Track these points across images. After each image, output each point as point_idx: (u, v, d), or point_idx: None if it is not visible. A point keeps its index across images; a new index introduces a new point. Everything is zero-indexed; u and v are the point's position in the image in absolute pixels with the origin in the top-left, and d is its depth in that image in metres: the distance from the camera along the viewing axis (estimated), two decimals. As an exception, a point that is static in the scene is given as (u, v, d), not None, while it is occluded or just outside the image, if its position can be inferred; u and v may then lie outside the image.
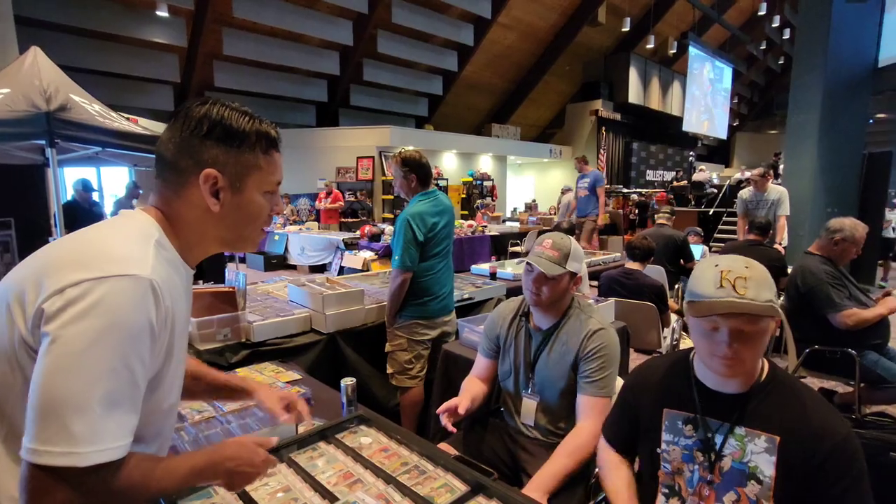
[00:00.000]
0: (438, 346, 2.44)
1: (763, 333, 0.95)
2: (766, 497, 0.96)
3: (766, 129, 23.49)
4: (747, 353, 0.95)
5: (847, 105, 6.64)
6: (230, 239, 0.86)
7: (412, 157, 2.38)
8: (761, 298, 0.93)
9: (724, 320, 0.95)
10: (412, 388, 2.42)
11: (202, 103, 0.80)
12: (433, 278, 2.40)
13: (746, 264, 0.98)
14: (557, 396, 1.48)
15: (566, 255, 1.46)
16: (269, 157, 0.85)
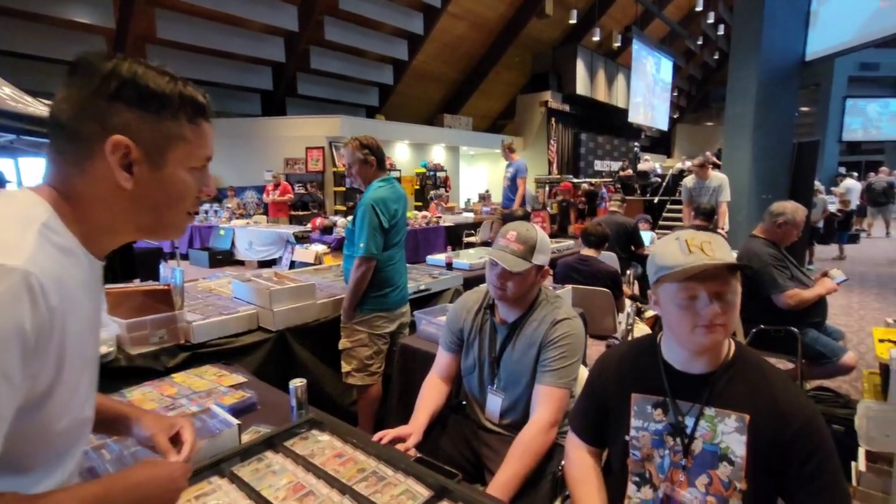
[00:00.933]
0: (394, 341, 2.36)
1: (736, 295, 0.95)
2: (738, 478, 0.94)
3: (704, 120, 24.70)
4: (727, 316, 0.94)
5: (779, 97, 7.01)
6: (148, 223, 0.71)
7: (371, 141, 2.28)
8: (729, 259, 0.95)
9: (701, 286, 0.94)
10: (371, 386, 2.32)
11: (109, 57, 0.65)
12: (394, 268, 2.31)
13: (704, 234, 1.00)
14: (524, 392, 1.42)
15: (532, 248, 1.39)
16: (197, 126, 0.71)
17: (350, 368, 2.29)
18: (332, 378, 2.40)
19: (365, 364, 2.28)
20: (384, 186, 2.25)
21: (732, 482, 0.94)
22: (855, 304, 5.16)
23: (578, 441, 1.17)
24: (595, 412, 1.13)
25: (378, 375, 2.33)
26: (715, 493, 0.96)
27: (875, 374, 2.89)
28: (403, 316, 2.41)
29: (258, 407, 1.47)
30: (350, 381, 2.30)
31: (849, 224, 8.76)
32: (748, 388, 0.96)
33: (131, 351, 1.86)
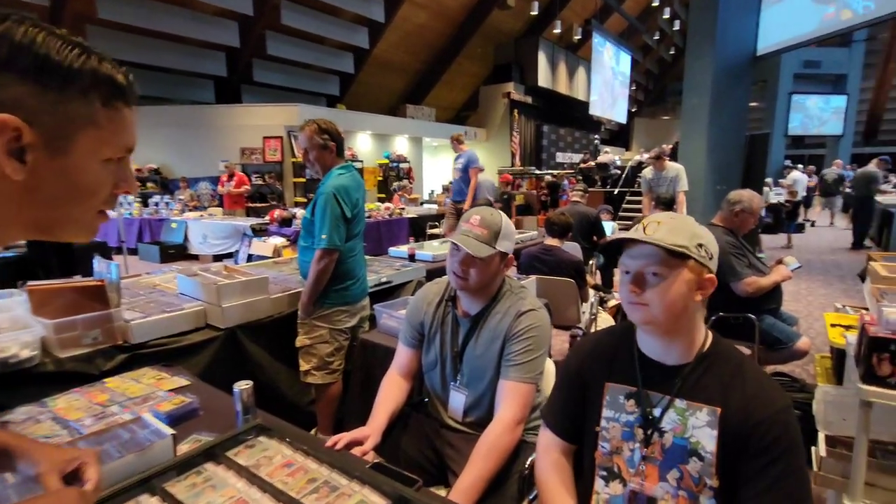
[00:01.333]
0: (355, 336, 2.25)
1: (672, 280, 0.91)
2: (708, 474, 0.90)
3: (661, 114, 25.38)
4: (653, 296, 0.91)
5: (732, 90, 7.22)
6: (46, 221, 0.59)
7: (330, 126, 2.15)
8: (669, 241, 0.90)
9: (632, 262, 0.95)
10: (332, 385, 2.21)
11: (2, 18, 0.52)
12: (355, 260, 2.21)
13: (674, 217, 0.97)
14: (488, 388, 1.35)
15: (496, 234, 1.32)
16: (114, 111, 0.59)
17: (309, 367, 2.17)
18: (288, 377, 2.28)
19: (325, 361, 2.16)
20: (344, 174, 2.13)
21: (703, 478, 0.90)
22: (803, 290, 5.39)
23: (552, 438, 1.10)
24: (573, 404, 1.07)
25: (339, 373, 2.22)
26: (686, 488, 0.91)
27: (827, 357, 2.99)
28: (364, 310, 2.31)
29: (200, 413, 1.34)
30: (309, 381, 2.18)
31: (796, 214, 9.18)
32: (721, 381, 0.92)
33: (60, 354, 1.68)
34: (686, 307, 0.92)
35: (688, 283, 0.91)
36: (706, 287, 0.94)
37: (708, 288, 0.94)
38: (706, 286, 0.94)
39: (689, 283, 0.91)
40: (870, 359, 1.31)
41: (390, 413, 1.38)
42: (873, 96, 22.37)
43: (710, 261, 0.94)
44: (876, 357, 1.30)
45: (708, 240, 0.95)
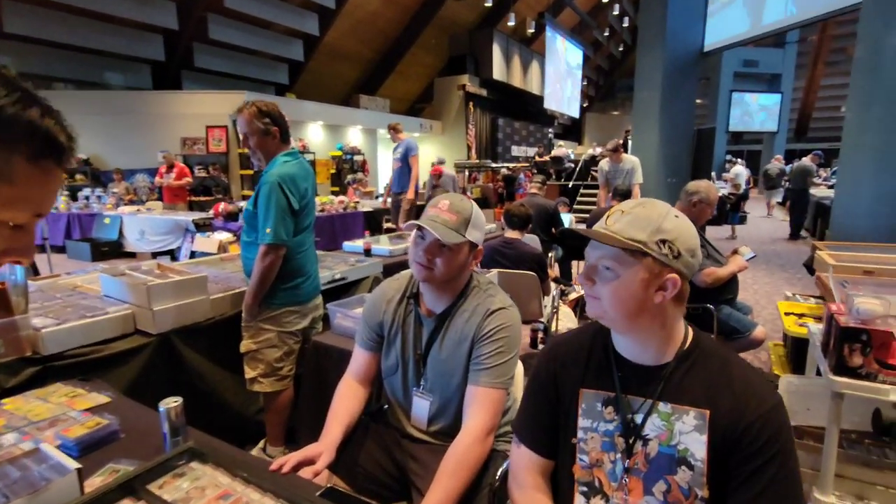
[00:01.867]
0: (307, 338, 2.08)
1: (624, 277, 0.82)
2: (698, 484, 0.81)
3: (610, 110, 26.11)
4: (603, 292, 0.84)
5: (681, 84, 7.43)
6: None
7: (273, 108, 1.94)
8: (626, 234, 0.82)
9: (590, 252, 0.88)
10: (282, 392, 2.03)
11: None
12: (305, 255, 2.02)
13: (645, 205, 0.86)
14: (455, 394, 1.23)
15: (466, 221, 1.20)
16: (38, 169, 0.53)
17: (256, 374, 1.98)
18: (233, 385, 2.08)
19: (274, 368, 1.98)
20: (290, 161, 1.94)
21: (693, 489, 0.81)
22: (749, 279, 5.61)
23: (527, 456, 0.98)
24: (548, 415, 0.96)
25: (289, 379, 2.04)
26: (674, 502, 0.83)
27: (780, 345, 3.09)
28: (316, 309, 2.14)
29: (121, 436, 1.15)
30: (256, 389, 1.99)
31: (739, 206, 9.60)
32: (707, 380, 0.84)
33: (-50, 370, 1.43)
34: (643, 307, 0.82)
35: (642, 282, 0.81)
36: (667, 288, 0.82)
37: (669, 289, 0.82)
38: (667, 287, 0.82)
39: (643, 282, 0.81)
40: (841, 349, 1.29)
41: (345, 426, 1.24)
42: (804, 95, 23.86)
43: (677, 259, 0.81)
44: (847, 348, 1.28)
45: (678, 235, 0.82)
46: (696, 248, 0.84)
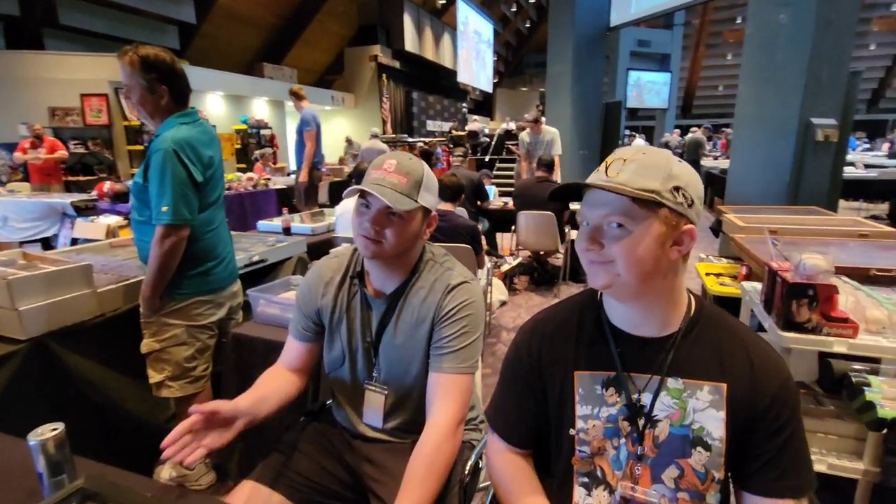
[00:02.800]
0: (224, 330, 1.81)
1: (640, 233, 0.71)
2: (716, 466, 0.74)
3: (520, 86, 26.68)
4: (617, 253, 0.72)
5: (590, 59, 7.65)
6: None
7: (159, 59, 1.57)
8: (636, 184, 0.70)
9: (590, 211, 0.75)
10: (198, 395, 1.75)
11: None
12: (215, 235, 1.72)
13: (647, 151, 0.75)
14: (414, 383, 1.08)
15: (417, 183, 1.02)
16: None
17: (162, 377, 1.68)
18: (135, 393, 1.77)
19: (185, 368, 1.70)
20: (188, 124, 1.62)
21: (710, 472, 0.74)
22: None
23: (503, 446, 0.87)
24: (531, 404, 0.85)
25: (205, 380, 1.77)
26: (688, 489, 0.75)
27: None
28: (234, 297, 1.86)
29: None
30: (164, 394, 1.70)
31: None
32: (718, 350, 0.76)
33: None
34: (658, 266, 0.73)
35: (659, 237, 0.72)
36: (684, 241, 0.74)
37: (687, 243, 0.74)
38: (684, 240, 0.74)
39: (660, 237, 0.72)
40: (789, 305, 1.31)
41: (262, 395, 1.04)
42: (689, 75, 25.95)
43: (691, 208, 0.73)
44: (795, 303, 1.30)
45: (688, 181, 0.73)
46: (703, 195, 0.76)
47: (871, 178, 7.38)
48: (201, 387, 1.75)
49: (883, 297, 1.48)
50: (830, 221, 3.24)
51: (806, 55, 4.45)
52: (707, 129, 9.56)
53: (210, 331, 1.75)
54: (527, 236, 4.07)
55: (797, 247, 1.63)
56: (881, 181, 7.22)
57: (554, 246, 4.01)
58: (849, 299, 1.38)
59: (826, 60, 4.51)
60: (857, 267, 1.83)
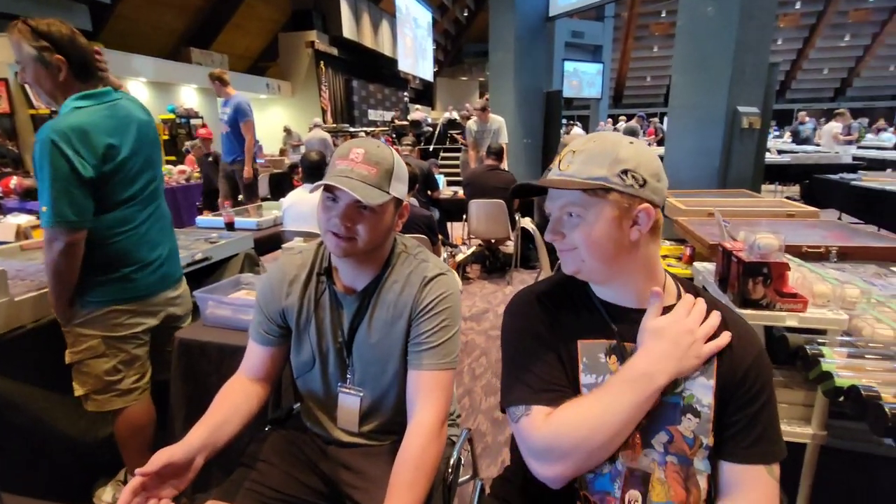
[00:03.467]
0: (165, 338, 1.65)
1: (593, 219, 0.75)
2: (704, 432, 0.76)
3: (459, 75, 26.72)
4: (576, 238, 0.77)
5: (531, 48, 7.75)
6: None
7: (53, 27, 1.36)
8: (583, 174, 0.76)
9: (550, 203, 0.81)
10: (130, 408, 1.59)
11: None
12: (134, 236, 1.51)
13: (597, 139, 0.79)
14: (392, 383, 1.03)
15: (388, 173, 0.96)
16: None
17: (85, 390, 1.52)
18: (66, 410, 1.61)
19: (108, 382, 1.53)
20: (88, 107, 1.39)
21: (698, 437, 0.76)
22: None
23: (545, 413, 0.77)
24: (556, 358, 0.81)
25: (138, 392, 1.60)
26: (676, 453, 0.76)
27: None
28: (174, 303, 1.69)
29: None
30: (90, 408, 1.54)
31: (580, 164, 10.59)
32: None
33: None
34: (620, 247, 0.76)
35: (613, 220, 0.75)
36: (641, 221, 0.76)
37: (643, 221, 0.76)
38: (641, 219, 0.76)
39: (615, 219, 0.75)
40: (745, 284, 1.37)
41: (215, 425, 0.94)
42: (619, 66, 27.06)
43: (643, 188, 0.75)
44: (751, 281, 1.36)
45: (639, 161, 0.76)
46: (659, 170, 0.78)
47: (786, 162, 8.02)
48: (130, 401, 1.58)
49: (822, 271, 1.59)
50: (759, 203, 3.47)
51: (731, 46, 4.72)
52: (641, 118, 10.00)
53: (137, 340, 1.57)
54: (478, 225, 4.07)
55: (739, 226, 1.71)
56: (795, 165, 7.86)
57: (505, 234, 4.05)
58: (796, 276, 1.47)
59: (749, 52, 4.81)
60: (790, 245, 1.96)
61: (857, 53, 24.31)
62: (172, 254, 1.70)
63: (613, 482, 0.77)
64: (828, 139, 9.00)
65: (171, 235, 1.71)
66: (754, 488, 0.74)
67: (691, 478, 0.76)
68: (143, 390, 1.61)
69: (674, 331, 0.76)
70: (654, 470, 0.77)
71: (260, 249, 2.70)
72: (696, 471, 0.76)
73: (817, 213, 2.94)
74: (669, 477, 0.76)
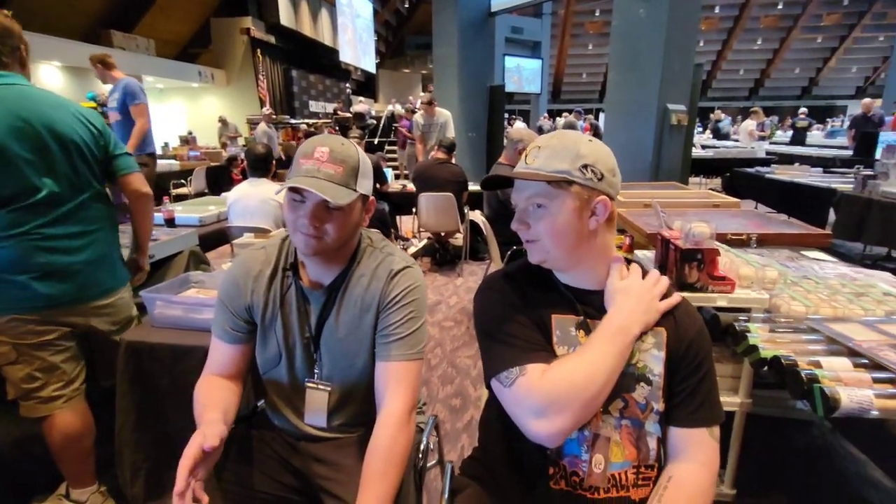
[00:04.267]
0: (107, 342, 1.56)
1: (556, 210, 0.82)
2: (655, 398, 0.85)
3: (402, 67, 26.50)
4: (541, 230, 0.84)
5: (474, 42, 7.84)
6: None
7: None
8: (548, 168, 0.83)
9: (517, 196, 0.87)
10: (58, 416, 1.49)
11: None
12: (25, 242, 1.35)
13: (559, 136, 0.86)
14: (361, 377, 1.04)
15: (354, 171, 0.97)
16: None
17: (13, 396, 1.45)
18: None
19: (26, 390, 1.44)
20: None
21: (649, 403, 0.85)
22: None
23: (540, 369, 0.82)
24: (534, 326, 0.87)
25: (62, 400, 1.49)
26: (630, 417, 0.85)
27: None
28: (102, 312, 1.54)
29: None
30: (23, 414, 1.46)
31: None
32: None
33: None
34: (581, 237, 0.84)
35: (575, 210, 0.83)
36: (599, 212, 0.83)
37: (601, 212, 0.84)
38: (599, 210, 0.83)
39: (576, 210, 0.83)
40: (682, 269, 1.49)
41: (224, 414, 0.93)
42: (557, 62, 27.87)
43: (601, 181, 0.83)
44: (687, 266, 1.49)
45: (597, 158, 0.83)
46: (614, 166, 0.86)
47: (709, 157, 8.63)
48: (51, 410, 1.47)
49: (747, 256, 1.76)
50: (688, 195, 3.74)
51: (661, 47, 5.02)
52: (579, 114, 10.40)
53: (54, 347, 1.46)
54: (427, 218, 4.11)
55: (675, 217, 1.85)
56: (717, 159, 8.48)
57: (455, 226, 4.11)
58: (724, 260, 1.62)
59: (677, 52, 5.13)
60: (718, 233, 2.15)
61: (767, 56, 26.47)
62: (102, 262, 1.53)
63: (581, 446, 0.85)
64: (744, 135, 9.76)
65: (102, 244, 1.53)
66: (700, 449, 0.84)
67: (642, 438, 0.86)
68: (68, 398, 1.50)
69: (636, 289, 0.86)
70: (611, 434, 0.85)
71: (204, 246, 2.60)
72: (647, 433, 0.86)
73: (738, 203, 3.22)
74: (624, 439, 0.85)
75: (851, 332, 1.22)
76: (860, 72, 26.77)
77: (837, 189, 4.20)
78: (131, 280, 1.71)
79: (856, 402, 0.99)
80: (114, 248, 1.61)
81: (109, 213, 1.58)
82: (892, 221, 3.54)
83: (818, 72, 26.87)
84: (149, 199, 1.69)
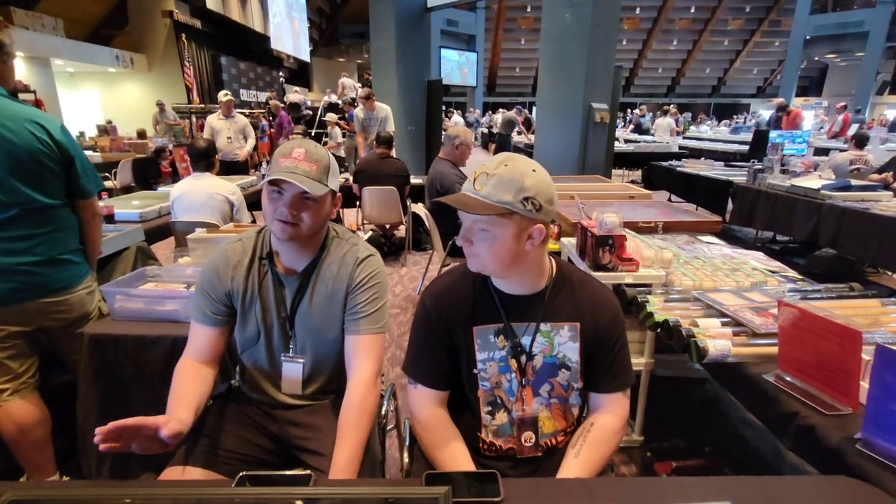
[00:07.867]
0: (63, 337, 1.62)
1: (497, 236, 0.94)
2: (575, 379, 1.07)
3: (336, 56, 25.96)
4: (482, 250, 0.96)
5: (412, 36, 7.96)
6: None
7: None
8: (494, 198, 0.92)
9: (464, 216, 0.97)
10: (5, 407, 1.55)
11: None
12: None
13: (508, 163, 0.94)
14: (332, 350, 1.21)
15: (326, 170, 1.13)
16: None
17: None
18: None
19: None
20: None
21: (570, 384, 1.07)
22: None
23: (427, 393, 1.08)
24: (443, 353, 1.07)
25: (6, 393, 1.55)
26: (557, 396, 1.07)
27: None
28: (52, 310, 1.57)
29: None
30: None
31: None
32: (572, 299, 1.06)
33: None
34: (516, 256, 0.97)
35: (513, 236, 0.94)
36: (535, 237, 0.96)
37: (536, 237, 0.96)
38: (534, 235, 0.96)
39: (514, 236, 0.94)
40: (597, 252, 1.77)
41: (197, 403, 1.06)
42: (491, 56, 28.45)
43: (539, 212, 0.94)
44: (601, 251, 1.77)
45: (538, 190, 0.93)
46: (553, 196, 0.96)
47: (630, 150, 9.33)
48: (3, 400, 1.54)
49: (650, 241, 2.08)
50: (609, 187, 4.14)
51: (585, 49, 5.40)
52: (519, 110, 10.83)
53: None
54: (371, 210, 4.24)
55: (593, 207, 2.15)
56: (637, 153, 9.18)
57: (398, 218, 4.27)
58: (631, 245, 1.92)
59: (600, 54, 5.54)
60: (630, 221, 2.48)
61: (682, 56, 28.52)
62: (52, 262, 1.54)
63: (512, 427, 1.07)
64: (662, 131, 10.61)
65: (54, 245, 1.55)
66: (613, 407, 1.07)
67: (568, 410, 1.09)
68: (14, 391, 1.55)
69: None
70: (541, 411, 1.07)
71: (152, 240, 2.61)
72: (571, 405, 1.09)
73: (651, 195, 3.63)
74: (554, 413, 1.08)
75: (724, 300, 1.54)
76: (760, 73, 29.55)
77: (734, 181, 4.79)
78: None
79: (719, 350, 1.29)
80: (68, 248, 1.61)
81: (65, 215, 1.59)
82: (775, 209, 4.13)
83: (725, 72, 29.35)
84: (101, 219, 1.77)
